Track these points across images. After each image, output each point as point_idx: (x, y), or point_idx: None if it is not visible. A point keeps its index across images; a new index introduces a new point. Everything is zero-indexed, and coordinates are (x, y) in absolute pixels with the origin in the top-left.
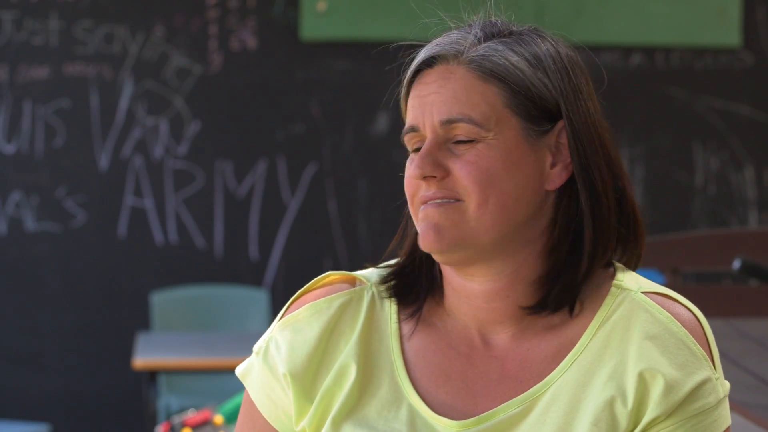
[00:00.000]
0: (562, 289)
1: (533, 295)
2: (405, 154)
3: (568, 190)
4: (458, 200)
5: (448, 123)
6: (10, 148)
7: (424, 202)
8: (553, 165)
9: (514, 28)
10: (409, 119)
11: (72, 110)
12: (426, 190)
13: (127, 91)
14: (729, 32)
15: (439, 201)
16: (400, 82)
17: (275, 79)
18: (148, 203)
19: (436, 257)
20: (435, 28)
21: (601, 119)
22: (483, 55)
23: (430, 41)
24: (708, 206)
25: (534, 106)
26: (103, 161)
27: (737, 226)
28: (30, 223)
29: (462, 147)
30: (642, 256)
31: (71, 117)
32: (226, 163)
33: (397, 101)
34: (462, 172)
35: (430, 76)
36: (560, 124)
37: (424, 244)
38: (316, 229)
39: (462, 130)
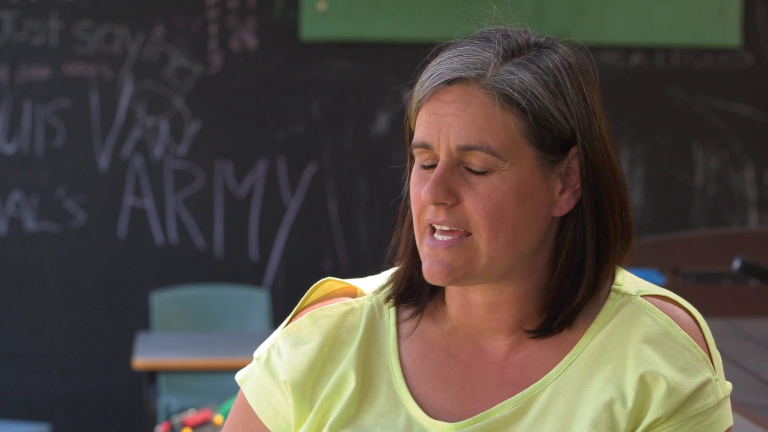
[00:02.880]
0: (566, 314)
1: (536, 318)
2: (405, 154)
3: (573, 213)
4: (467, 233)
5: (466, 149)
6: (10, 148)
7: (430, 225)
8: (562, 191)
9: (531, 40)
10: (422, 134)
11: (72, 110)
12: (434, 215)
13: (127, 91)
14: (729, 32)
15: (448, 236)
16: (410, 87)
17: (275, 79)
18: (148, 203)
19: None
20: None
21: (610, 137)
22: (505, 81)
23: (442, 46)
24: (708, 206)
25: (551, 136)
26: (103, 161)
27: (737, 226)
28: (30, 223)
29: (475, 175)
30: (634, 252)
31: (71, 117)
32: (226, 163)
33: (396, 101)
34: (474, 206)
35: (448, 95)
36: (573, 150)
37: (431, 279)
38: (316, 229)
39: (478, 159)
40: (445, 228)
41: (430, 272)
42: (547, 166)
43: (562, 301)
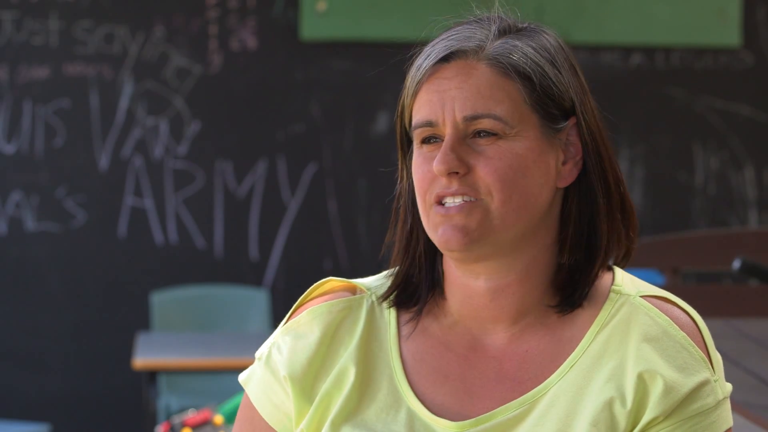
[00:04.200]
0: (583, 286)
1: (554, 293)
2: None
3: (573, 187)
4: (479, 199)
5: (473, 119)
6: (10, 148)
7: (439, 200)
8: (564, 162)
9: (520, 25)
10: (425, 113)
11: (72, 110)
12: (446, 186)
13: (127, 91)
14: (729, 32)
15: (459, 201)
16: (405, 77)
17: (275, 79)
18: (148, 203)
19: (453, 255)
20: (440, 24)
21: (600, 115)
22: (504, 51)
23: (437, 36)
24: (708, 206)
25: (553, 104)
26: (103, 161)
27: (737, 226)
28: (30, 223)
29: (483, 142)
30: (634, 253)
31: (71, 117)
32: (226, 163)
33: (395, 97)
34: (486, 169)
35: (448, 71)
36: (572, 120)
37: (446, 245)
38: (316, 229)
39: (486, 124)
40: (458, 199)
41: (445, 237)
42: (550, 134)
43: (581, 272)
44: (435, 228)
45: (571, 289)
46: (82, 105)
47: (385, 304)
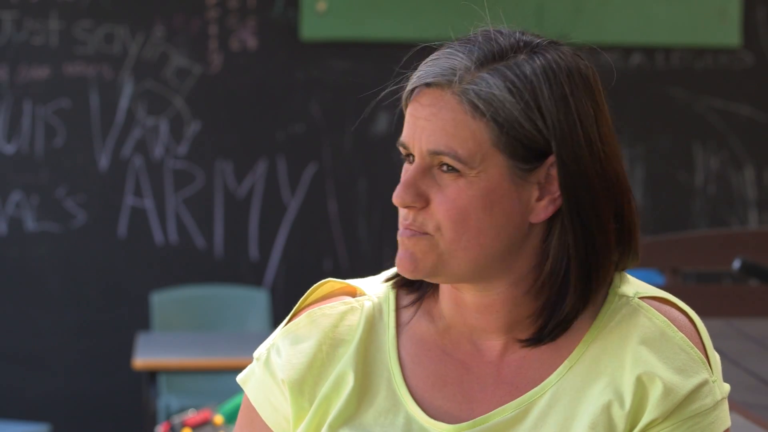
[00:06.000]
0: (557, 322)
1: (528, 323)
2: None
3: (558, 219)
4: (429, 233)
5: (435, 154)
6: (10, 148)
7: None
8: (539, 198)
9: (522, 42)
10: (404, 134)
11: (72, 110)
12: (404, 217)
13: (127, 91)
14: (729, 32)
15: (410, 233)
16: (401, 86)
17: (275, 79)
18: (148, 203)
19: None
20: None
21: (607, 141)
22: (473, 90)
23: (443, 45)
24: (708, 206)
25: (522, 146)
26: (103, 161)
27: (737, 226)
28: (30, 223)
29: (446, 177)
30: (633, 262)
31: (71, 117)
32: (226, 163)
33: (396, 101)
34: (440, 207)
35: (425, 99)
36: (551, 159)
37: (399, 269)
38: (316, 229)
39: (448, 161)
40: (410, 232)
41: (399, 261)
42: (519, 175)
43: (552, 309)
44: (398, 250)
45: (543, 324)
46: (82, 105)
47: (384, 305)
